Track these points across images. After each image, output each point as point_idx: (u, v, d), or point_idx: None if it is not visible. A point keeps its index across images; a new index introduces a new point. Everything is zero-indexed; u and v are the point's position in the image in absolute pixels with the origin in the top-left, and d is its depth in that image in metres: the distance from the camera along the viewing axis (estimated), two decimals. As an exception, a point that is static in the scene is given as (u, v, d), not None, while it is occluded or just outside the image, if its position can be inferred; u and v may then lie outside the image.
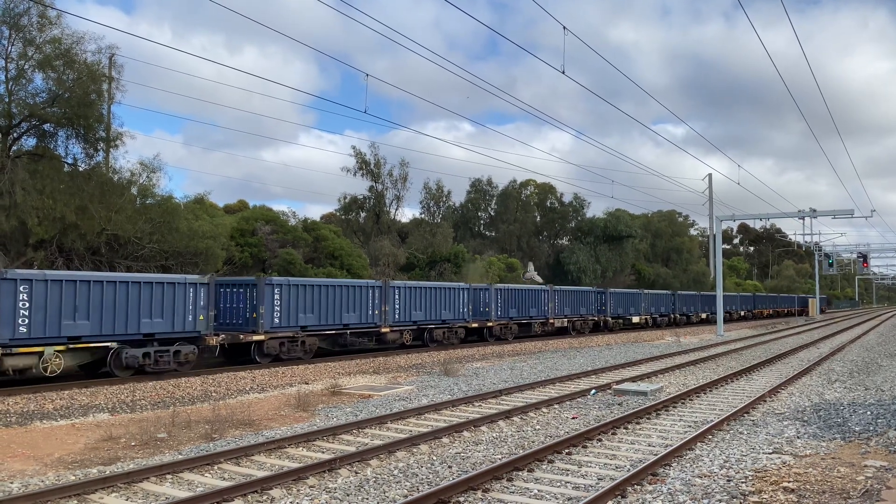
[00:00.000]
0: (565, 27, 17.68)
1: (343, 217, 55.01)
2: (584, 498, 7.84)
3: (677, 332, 42.58)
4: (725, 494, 7.93)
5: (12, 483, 8.60)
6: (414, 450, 10.25)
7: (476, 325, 30.96)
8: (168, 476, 8.76)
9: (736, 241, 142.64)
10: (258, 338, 21.59)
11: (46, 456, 10.23)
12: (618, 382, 17.28)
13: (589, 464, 9.55)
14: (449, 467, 9.33)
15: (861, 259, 58.90)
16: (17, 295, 16.01)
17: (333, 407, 14.46)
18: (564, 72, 18.76)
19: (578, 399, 15.40)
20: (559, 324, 36.70)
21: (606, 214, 65.84)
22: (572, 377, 19.04)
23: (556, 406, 14.42)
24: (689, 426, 12.20)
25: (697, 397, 15.66)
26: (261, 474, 8.71)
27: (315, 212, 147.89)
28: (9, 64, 24.43)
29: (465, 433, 11.54)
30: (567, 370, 20.91)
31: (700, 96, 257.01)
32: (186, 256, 27.77)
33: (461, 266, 46.77)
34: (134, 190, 28.06)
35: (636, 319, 45.24)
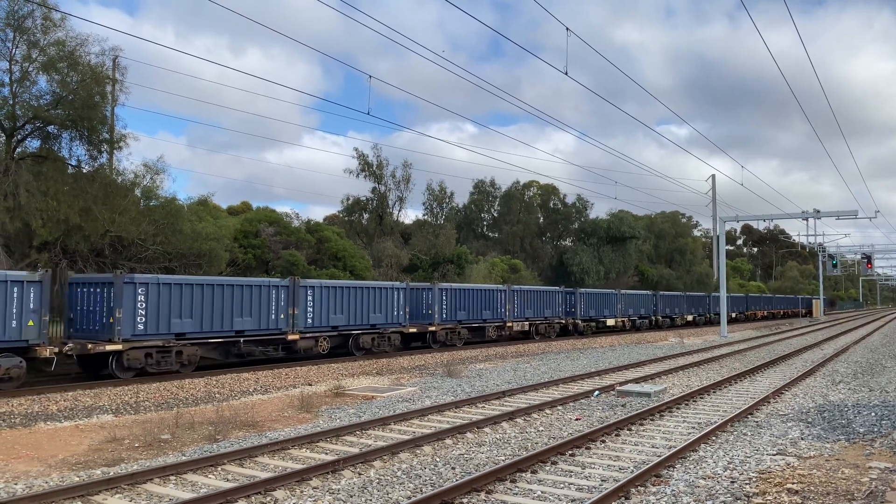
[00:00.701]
0: (568, 28, 17.67)
1: (346, 218, 55.02)
2: (588, 499, 7.82)
3: (681, 334, 42.49)
4: (729, 496, 7.91)
5: (17, 484, 8.62)
6: (417, 451, 10.25)
7: (415, 331, 27.55)
8: (172, 477, 8.77)
9: (739, 243, 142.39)
10: (114, 347, 18.10)
11: (50, 457, 10.25)
12: (621, 384, 17.26)
13: (592, 465, 9.54)
14: (452, 469, 9.33)
15: (865, 260, 58.73)
16: None
17: (337, 408, 14.46)
18: (567, 73, 18.77)
19: (582, 400, 15.38)
20: (519, 328, 33.49)
21: (610, 215, 65.74)
22: (576, 378, 19.02)
23: (560, 407, 14.40)
24: (693, 427, 12.18)
25: (701, 399, 15.63)
26: (264, 475, 8.71)
27: (318, 213, 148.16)
28: (13, 66, 24.50)
29: (469, 434, 11.54)
30: (570, 371, 20.89)
31: (704, 97, 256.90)
32: (190, 258, 27.82)
33: (464, 267, 46.74)
34: (137, 192, 28.10)
35: (611, 322, 42.06)
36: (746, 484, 8.43)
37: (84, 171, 26.64)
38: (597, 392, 16.22)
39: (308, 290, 23.14)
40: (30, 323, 16.52)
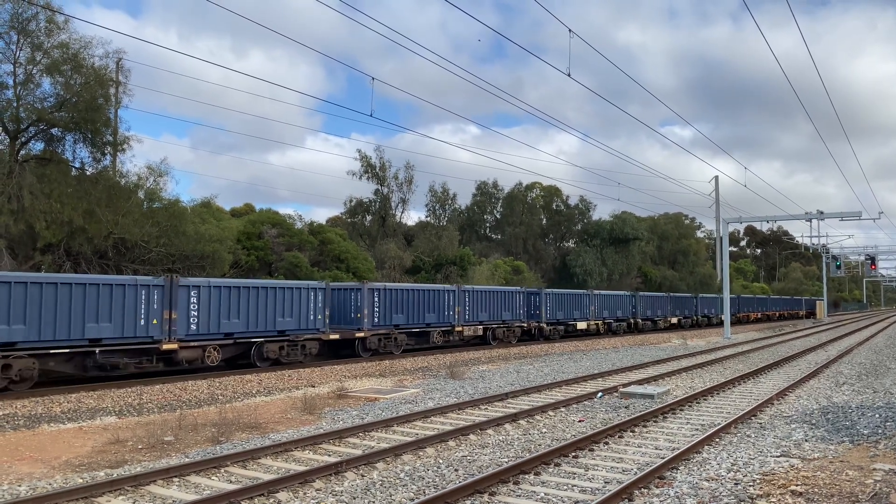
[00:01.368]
0: (571, 30, 17.69)
1: (349, 220, 55.15)
2: (591, 501, 7.82)
3: (684, 335, 42.42)
4: (733, 498, 7.89)
5: (20, 486, 8.63)
6: (420, 453, 10.24)
7: (337, 337, 24.22)
8: (175, 479, 8.77)
9: (743, 244, 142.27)
10: None
11: (54, 459, 10.27)
12: (624, 385, 17.23)
13: (596, 467, 9.53)
14: (455, 470, 9.32)
15: (869, 261, 58.59)
16: None
17: (340, 410, 14.46)
18: (570, 74, 18.78)
19: (585, 402, 15.36)
20: (471, 332, 30.30)
21: (613, 217, 65.79)
22: (578, 380, 18.99)
23: (563, 409, 14.39)
24: (697, 429, 12.15)
25: (705, 400, 15.60)
26: (267, 477, 8.72)
27: (321, 215, 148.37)
28: (17, 69, 24.62)
29: (472, 436, 11.53)
30: (573, 373, 20.87)
31: (707, 98, 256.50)
32: (193, 260, 27.88)
33: (467, 269, 46.75)
34: (141, 194, 28.21)
35: (582, 326, 38.76)
36: (750, 486, 8.41)
37: (88, 174, 26.76)
38: (600, 394, 16.20)
39: (191, 291, 19.51)
40: None
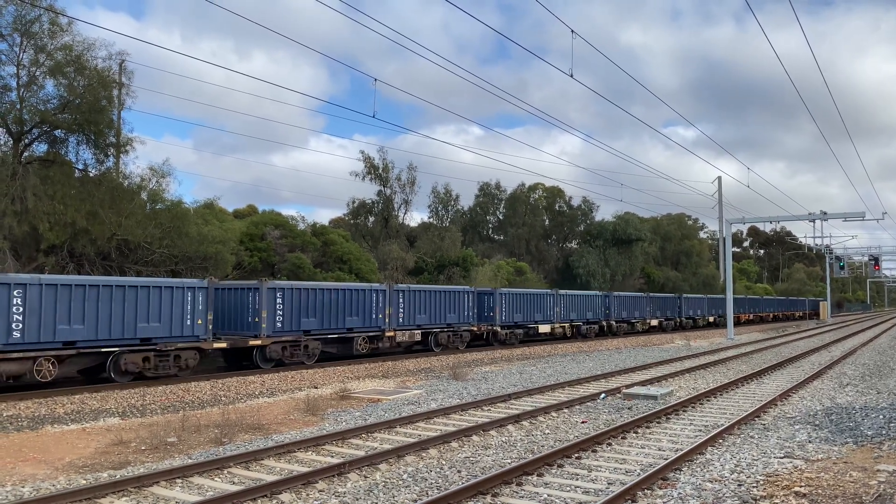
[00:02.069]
0: (573, 31, 17.69)
1: (352, 221, 55.14)
2: (594, 502, 7.81)
3: (687, 336, 42.36)
4: (737, 499, 7.88)
5: (24, 487, 8.65)
6: (423, 454, 10.24)
7: (224, 346, 20.45)
8: (178, 480, 8.78)
9: (746, 244, 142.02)
10: None
11: (57, 460, 10.29)
12: (628, 386, 17.21)
13: (599, 468, 9.52)
14: (458, 472, 9.31)
15: (872, 262, 58.48)
16: None
17: (342, 411, 14.47)
18: (573, 75, 18.77)
19: (588, 403, 15.35)
20: (406, 337, 26.59)
21: (615, 218, 65.68)
22: (581, 381, 18.98)
23: (566, 410, 14.38)
24: (700, 430, 12.14)
25: (708, 401, 15.58)
26: (270, 478, 8.72)
27: (324, 216, 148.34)
28: (20, 70, 24.67)
29: (475, 437, 11.52)
30: (576, 374, 20.86)
31: (710, 99, 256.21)
32: (196, 261, 27.89)
33: (469, 270, 46.73)
34: (144, 195, 28.24)
35: (545, 329, 35.33)
36: (754, 487, 8.39)
37: (91, 175, 26.81)
38: (603, 395, 16.19)
39: (13, 290, 15.81)
40: None
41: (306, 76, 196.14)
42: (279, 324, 21.78)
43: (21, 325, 15.96)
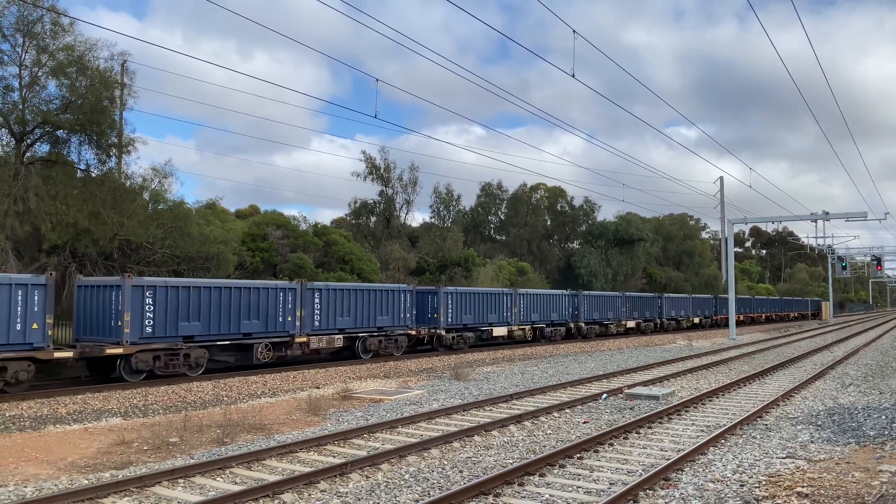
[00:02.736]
0: (575, 31, 17.67)
1: (354, 221, 55.15)
2: (597, 503, 7.81)
3: (689, 336, 42.32)
4: (739, 500, 7.87)
5: (26, 487, 8.67)
6: (425, 454, 10.24)
7: (68, 356, 17.37)
8: (180, 480, 8.79)
9: (748, 245, 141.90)
10: None
11: (60, 460, 10.30)
12: (629, 386, 17.20)
13: (601, 468, 9.51)
14: (460, 472, 9.32)
15: (875, 262, 58.42)
16: None
17: (344, 411, 14.47)
18: (575, 75, 18.76)
19: (590, 403, 15.34)
20: (322, 343, 23.28)
21: (617, 218, 65.67)
22: (583, 381, 18.97)
23: (568, 410, 14.37)
24: (702, 430, 12.12)
25: (710, 401, 15.57)
26: (272, 479, 8.73)
27: (326, 216, 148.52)
28: (22, 71, 24.68)
29: (477, 437, 11.52)
30: (578, 374, 20.85)
31: (712, 99, 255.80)
32: (198, 261, 27.91)
33: (471, 270, 46.73)
34: (146, 195, 28.25)
35: (501, 332, 32.03)
36: (756, 487, 8.38)
37: (93, 176, 26.81)
38: (605, 395, 16.18)
39: None
40: None
41: (308, 76, 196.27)
42: (149, 328, 18.48)
43: None
